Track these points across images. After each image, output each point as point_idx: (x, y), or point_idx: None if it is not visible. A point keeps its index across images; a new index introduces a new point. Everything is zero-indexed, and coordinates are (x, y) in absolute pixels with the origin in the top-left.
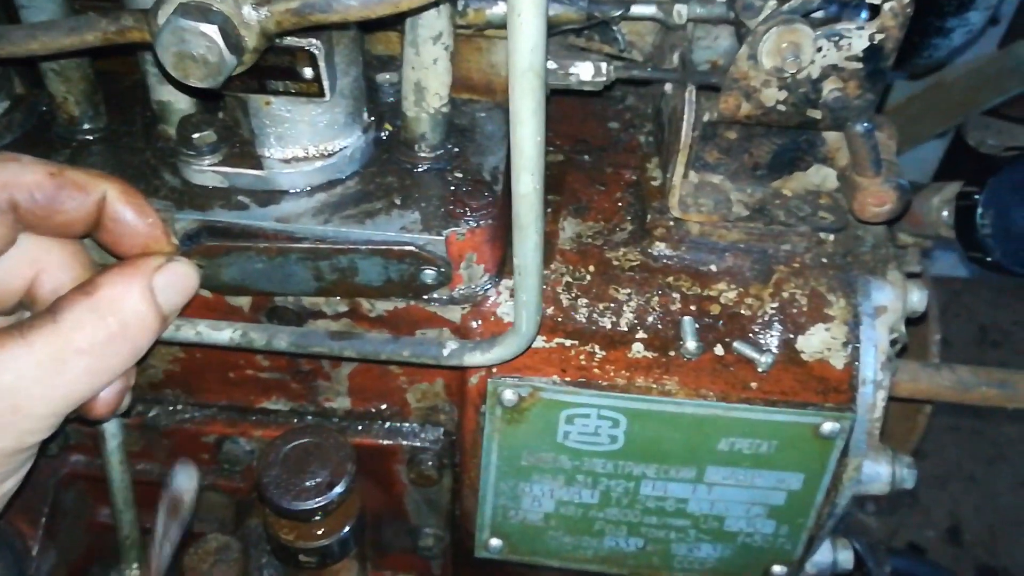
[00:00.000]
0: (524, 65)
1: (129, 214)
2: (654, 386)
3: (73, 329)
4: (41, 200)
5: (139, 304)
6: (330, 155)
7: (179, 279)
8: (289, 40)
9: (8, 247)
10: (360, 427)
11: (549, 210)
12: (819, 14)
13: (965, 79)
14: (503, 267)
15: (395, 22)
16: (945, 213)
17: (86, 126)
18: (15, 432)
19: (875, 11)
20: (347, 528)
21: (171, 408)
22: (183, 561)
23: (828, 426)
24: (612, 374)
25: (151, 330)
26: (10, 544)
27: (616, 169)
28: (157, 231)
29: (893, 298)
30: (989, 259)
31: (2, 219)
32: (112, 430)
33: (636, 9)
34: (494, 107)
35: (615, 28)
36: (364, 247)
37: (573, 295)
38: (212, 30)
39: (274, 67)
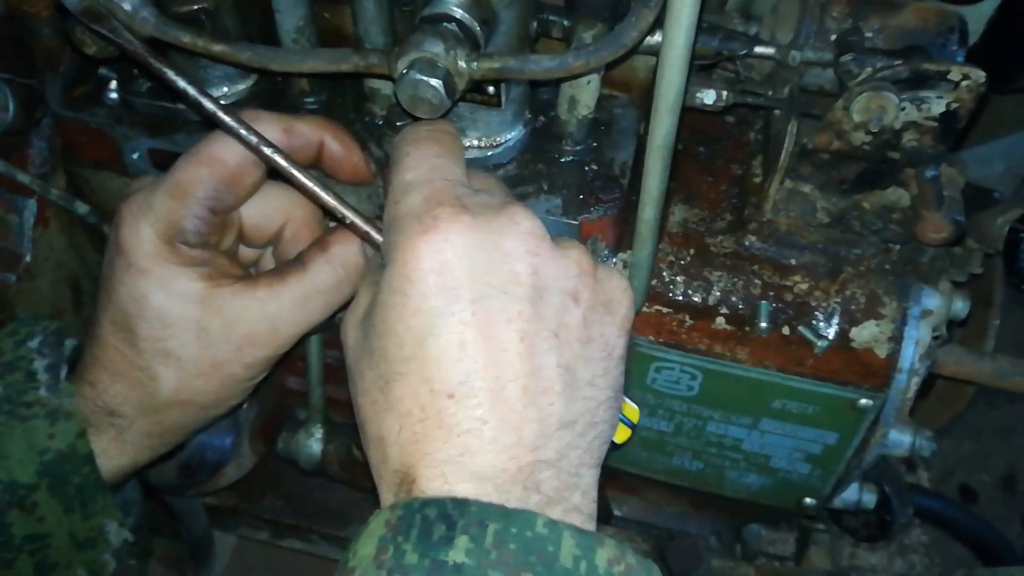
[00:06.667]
0: (659, 142)
1: (339, 152)
2: (728, 354)
3: (315, 275)
4: None
5: (357, 256)
6: (497, 146)
7: None
8: None
9: (260, 187)
10: None
11: None
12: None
13: None
14: (620, 243)
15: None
16: (1007, 231)
17: (311, 99)
18: (273, 346)
19: (953, 85)
20: None
21: None
22: None
23: (863, 401)
24: (696, 340)
25: (362, 274)
26: None
27: (726, 162)
28: (360, 164)
29: (939, 304)
30: None
31: (259, 167)
32: None
33: (758, 50)
34: (629, 104)
35: (738, 63)
36: None
37: (674, 272)
38: (438, 83)
39: None
